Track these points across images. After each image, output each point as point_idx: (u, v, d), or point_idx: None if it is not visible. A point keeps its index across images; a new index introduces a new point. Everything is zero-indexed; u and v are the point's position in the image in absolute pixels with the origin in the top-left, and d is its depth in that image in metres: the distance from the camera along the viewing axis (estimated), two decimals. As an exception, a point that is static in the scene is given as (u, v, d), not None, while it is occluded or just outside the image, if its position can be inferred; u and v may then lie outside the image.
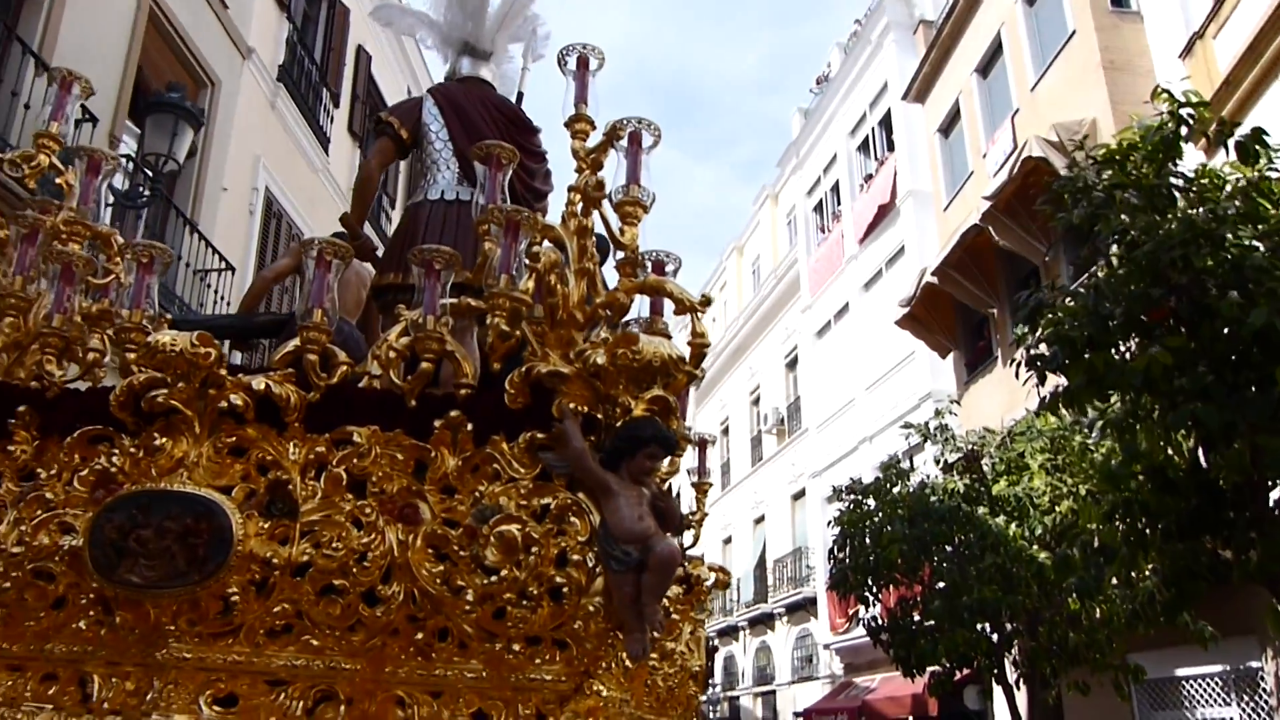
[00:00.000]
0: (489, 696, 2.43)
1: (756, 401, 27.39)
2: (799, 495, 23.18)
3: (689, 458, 4.89)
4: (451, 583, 2.44)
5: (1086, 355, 5.90)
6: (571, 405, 2.54)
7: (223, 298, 9.43)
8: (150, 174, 8.13)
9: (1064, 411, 6.90)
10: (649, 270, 3.16)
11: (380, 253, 4.81)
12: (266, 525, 2.52)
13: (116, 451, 2.72)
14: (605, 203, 3.09)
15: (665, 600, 2.75)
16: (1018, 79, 15.04)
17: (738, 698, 26.21)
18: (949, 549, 10.05)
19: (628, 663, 2.44)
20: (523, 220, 2.86)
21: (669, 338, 3.16)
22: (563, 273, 2.92)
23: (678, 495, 4.72)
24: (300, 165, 12.15)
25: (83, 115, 7.22)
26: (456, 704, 2.44)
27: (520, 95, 5.00)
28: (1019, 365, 6.64)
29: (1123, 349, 6.05)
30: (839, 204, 22.53)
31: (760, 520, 25.84)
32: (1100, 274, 6.24)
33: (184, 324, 7.37)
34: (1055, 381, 6.41)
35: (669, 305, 3.16)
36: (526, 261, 2.77)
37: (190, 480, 2.57)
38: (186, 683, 2.41)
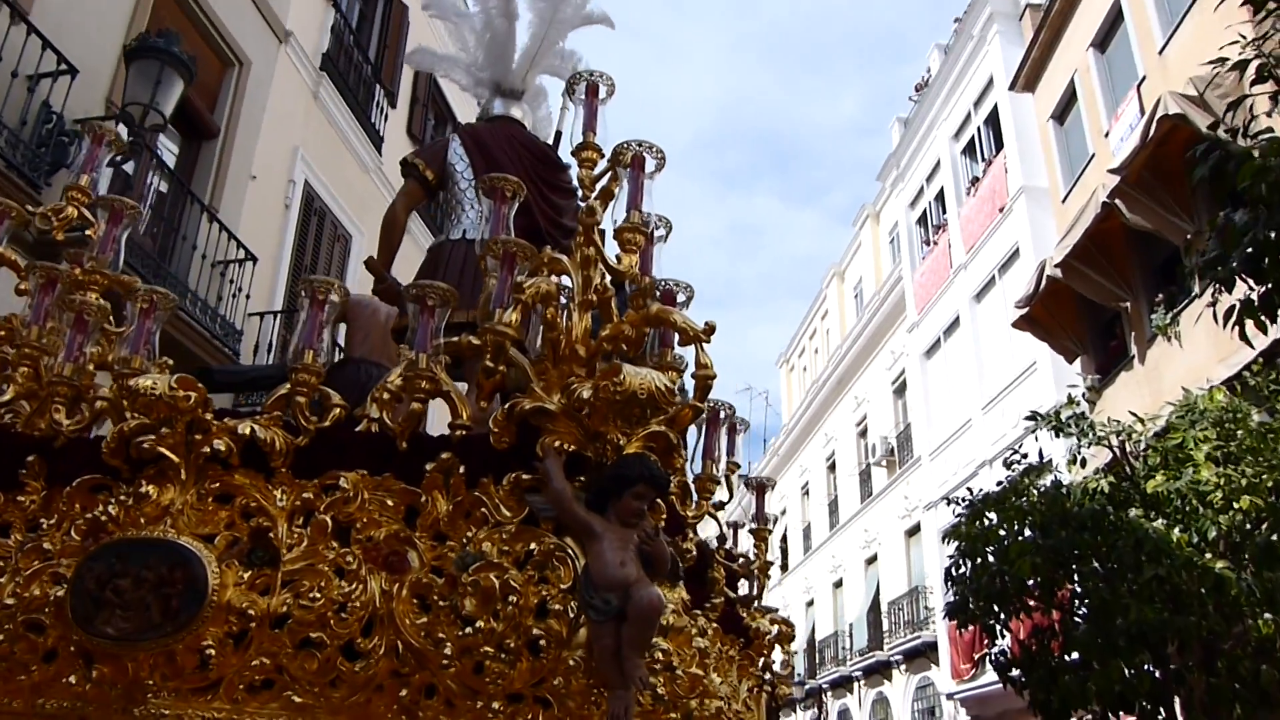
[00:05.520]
0: (477, 758, 2.45)
1: (864, 433, 26.96)
2: (913, 531, 22.68)
3: (748, 501, 4.90)
4: (434, 635, 2.49)
5: None
6: (557, 443, 2.57)
7: (241, 289, 9.22)
8: (130, 128, 7.49)
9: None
10: (659, 300, 3.18)
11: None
12: (247, 575, 2.62)
13: (112, 500, 2.85)
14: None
15: (658, 652, 2.74)
16: (1143, 44, 14.44)
17: (852, 756, 25.70)
18: (1095, 563, 8.57)
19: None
20: (519, 252, 2.93)
21: (679, 371, 3.18)
22: (566, 306, 2.97)
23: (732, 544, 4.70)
24: (348, 162, 12.10)
25: (59, 66, 7.12)
26: (444, 766, 2.47)
27: (559, 133, 5.14)
28: (1216, 285, 5.08)
29: None
30: (944, 213, 22.07)
31: (873, 560, 25.36)
32: None
33: (225, 374, 7.54)
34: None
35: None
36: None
37: (174, 528, 2.68)
38: (166, 740, 2.50)
